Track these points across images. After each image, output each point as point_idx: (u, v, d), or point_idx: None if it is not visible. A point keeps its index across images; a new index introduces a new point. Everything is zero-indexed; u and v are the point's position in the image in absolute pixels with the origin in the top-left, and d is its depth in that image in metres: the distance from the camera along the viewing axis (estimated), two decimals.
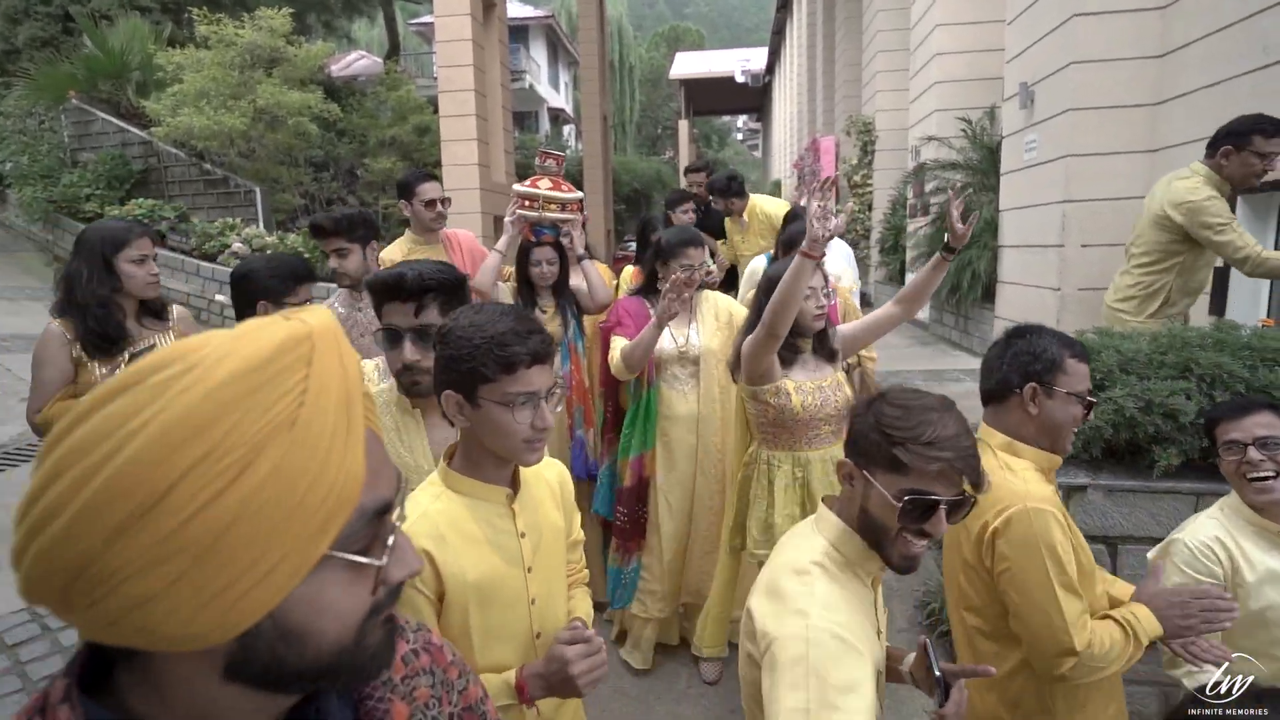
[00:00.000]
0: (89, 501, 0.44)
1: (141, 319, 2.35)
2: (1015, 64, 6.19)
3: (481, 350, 1.21)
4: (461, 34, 9.02)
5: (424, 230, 3.25)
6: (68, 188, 10.07)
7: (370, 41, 25.03)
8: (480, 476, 1.31)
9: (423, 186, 3.18)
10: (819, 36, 16.55)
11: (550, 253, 3.07)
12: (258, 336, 0.49)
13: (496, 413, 1.23)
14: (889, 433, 1.20)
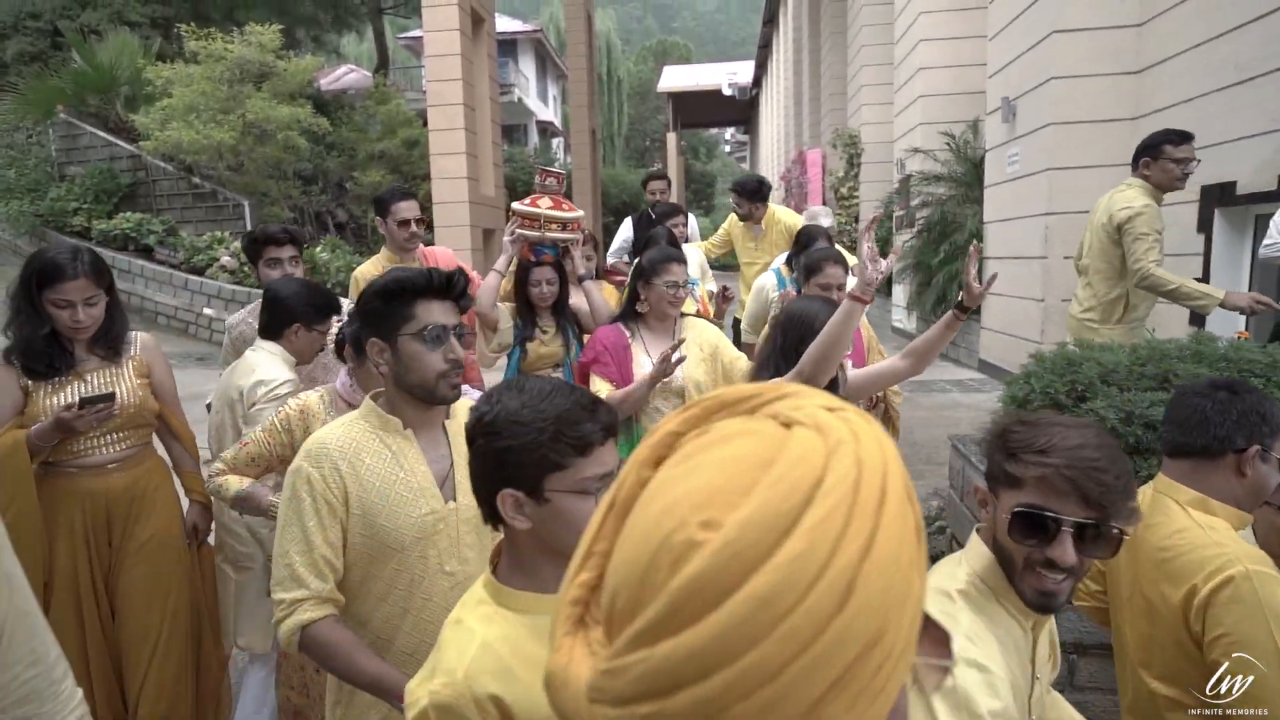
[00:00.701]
0: (813, 657, 0.38)
1: (94, 347, 2.12)
2: (997, 79, 6.31)
3: (548, 434, 1.03)
4: (451, 49, 9.08)
5: (398, 249, 3.19)
6: (55, 201, 10.03)
7: (359, 56, 25.12)
8: (538, 587, 1.09)
9: (397, 205, 3.11)
10: (805, 50, 16.76)
11: (550, 273, 3.01)
12: (862, 451, 0.42)
13: (569, 504, 1.05)
14: (1007, 446, 1.14)
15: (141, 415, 2.17)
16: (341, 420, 1.51)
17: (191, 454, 2.33)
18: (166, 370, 2.28)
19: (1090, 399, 2.41)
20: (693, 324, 2.70)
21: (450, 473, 1.51)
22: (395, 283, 1.45)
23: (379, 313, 1.47)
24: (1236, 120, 4.12)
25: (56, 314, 2.01)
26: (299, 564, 1.39)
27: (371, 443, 1.45)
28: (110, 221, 9.75)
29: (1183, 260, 4.58)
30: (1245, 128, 4.05)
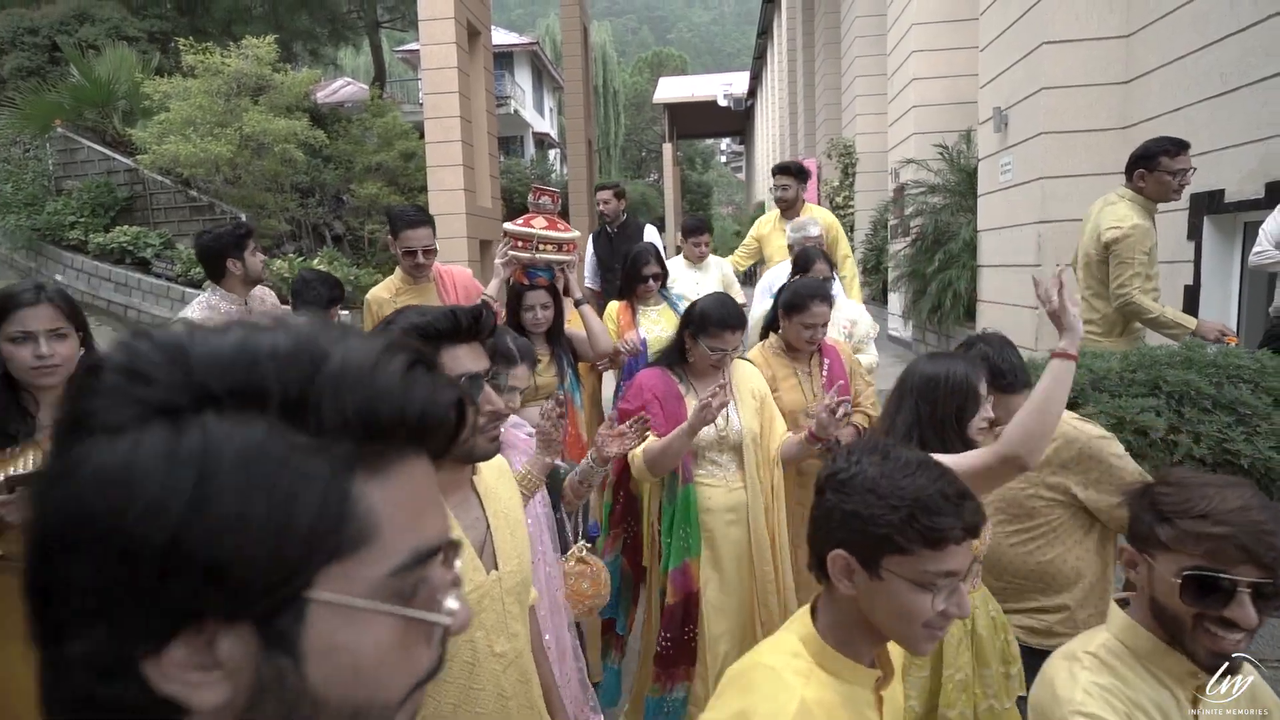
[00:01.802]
0: None
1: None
2: (989, 89, 6.37)
3: (901, 515, 0.96)
4: (447, 61, 9.14)
5: (406, 273, 3.07)
6: (52, 215, 10.04)
7: (356, 69, 25.25)
8: (851, 654, 1.04)
9: (407, 233, 2.90)
10: (799, 61, 16.89)
11: (545, 296, 2.82)
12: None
13: (903, 591, 0.97)
14: (1160, 510, 1.12)
15: None
16: None
17: None
18: None
19: (1082, 405, 2.43)
20: (740, 368, 2.42)
21: (488, 538, 1.32)
22: (416, 330, 1.20)
23: None
24: (1223, 129, 4.17)
25: (15, 354, 1.64)
26: None
27: None
28: (107, 235, 9.76)
29: (1174, 267, 4.62)
30: (1232, 136, 4.10)
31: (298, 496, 0.40)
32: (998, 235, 6.41)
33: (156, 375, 0.40)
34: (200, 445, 0.39)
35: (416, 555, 0.44)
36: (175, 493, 0.38)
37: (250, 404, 0.40)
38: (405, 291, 3.03)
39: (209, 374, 0.40)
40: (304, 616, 0.41)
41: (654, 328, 3.36)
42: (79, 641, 0.39)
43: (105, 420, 0.40)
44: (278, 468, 0.39)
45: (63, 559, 0.39)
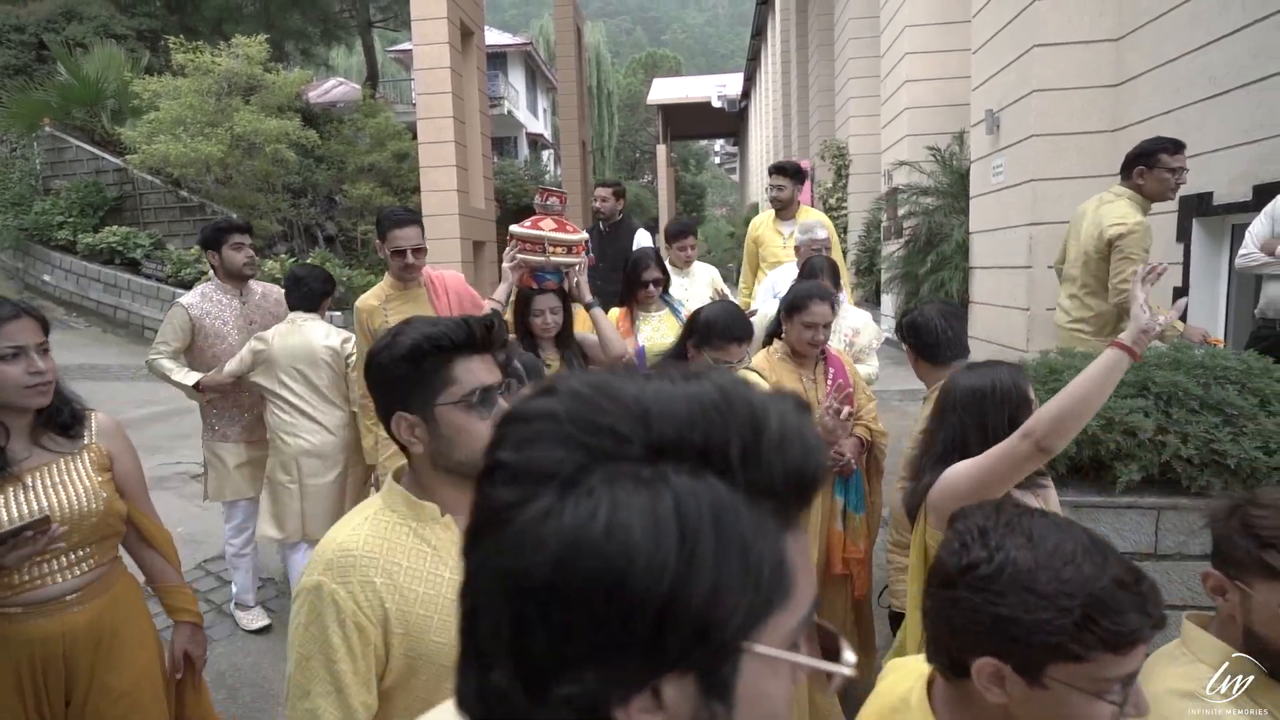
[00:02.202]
0: None
1: (39, 436, 1.60)
2: (981, 91, 6.40)
3: (1074, 617, 0.80)
4: (440, 61, 9.12)
5: (395, 278, 2.92)
6: (40, 215, 9.97)
7: (349, 69, 25.17)
8: None
9: (395, 233, 2.80)
10: (793, 63, 16.93)
11: (554, 301, 2.72)
12: None
13: (1075, 701, 0.82)
14: (1260, 534, 1.04)
15: (106, 525, 1.64)
16: (361, 514, 1.19)
17: (171, 559, 1.83)
18: (132, 457, 1.77)
19: None
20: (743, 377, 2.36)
21: None
22: (428, 340, 1.13)
23: (408, 379, 1.14)
24: (1212, 132, 4.20)
25: (2, 374, 1.50)
26: (330, 717, 1.07)
27: (405, 539, 1.14)
28: (96, 235, 9.70)
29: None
30: (1221, 139, 4.13)
31: (760, 553, 0.42)
32: (990, 237, 6.44)
33: (620, 429, 0.41)
34: (676, 503, 0.40)
35: (814, 606, 0.47)
36: (668, 551, 0.39)
37: (706, 460, 0.42)
38: (395, 298, 2.91)
39: (666, 429, 0.41)
40: (740, 666, 0.43)
41: (654, 334, 3.30)
42: (569, 685, 0.41)
43: (566, 473, 0.41)
44: (743, 524, 0.41)
45: (556, 609, 0.40)
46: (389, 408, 1.16)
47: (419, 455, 1.17)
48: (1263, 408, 2.34)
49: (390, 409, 1.16)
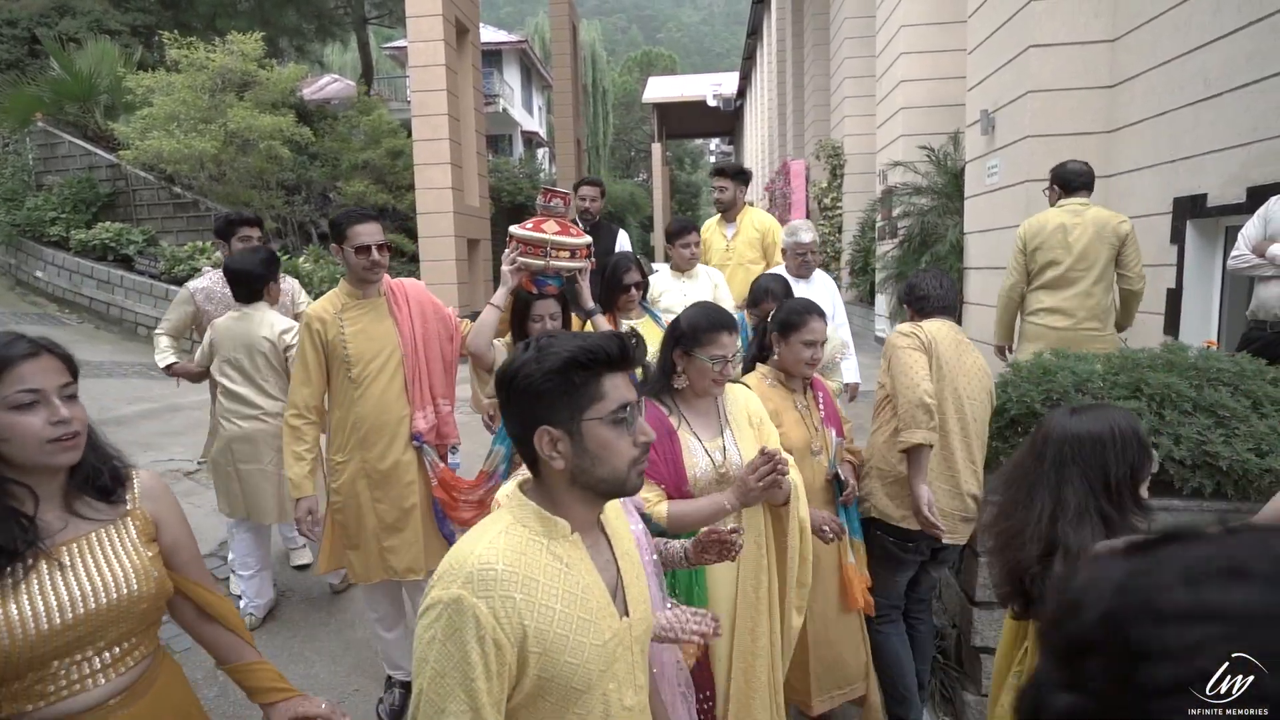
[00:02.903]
0: None
1: (73, 501, 1.30)
2: (976, 92, 6.41)
3: None
4: (435, 59, 9.09)
5: (359, 281, 2.63)
6: (32, 211, 9.91)
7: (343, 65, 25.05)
8: None
9: (356, 229, 2.57)
10: (788, 62, 16.94)
11: (554, 306, 2.62)
12: None
13: None
14: None
15: (157, 609, 1.38)
16: (494, 526, 1.15)
17: (242, 632, 1.53)
18: (180, 520, 1.47)
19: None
20: (732, 392, 2.15)
21: (619, 582, 1.23)
22: (584, 354, 1.11)
23: (557, 393, 1.12)
24: (1206, 134, 4.22)
25: (19, 425, 1.22)
26: None
27: (539, 555, 1.12)
28: (89, 231, 9.64)
29: (1157, 271, 4.66)
30: (1214, 141, 4.14)
31: None
32: (985, 237, 6.45)
33: None
34: None
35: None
36: None
37: None
38: (352, 307, 2.61)
39: None
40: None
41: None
42: None
43: None
44: None
45: None
46: (532, 421, 1.13)
47: (557, 472, 1.14)
48: (1255, 410, 2.35)
49: (533, 423, 1.12)
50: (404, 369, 2.61)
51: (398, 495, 2.61)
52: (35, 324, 9.14)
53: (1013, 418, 2.58)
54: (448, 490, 2.61)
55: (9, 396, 1.21)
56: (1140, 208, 4.88)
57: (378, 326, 2.60)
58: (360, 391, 2.56)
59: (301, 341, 2.61)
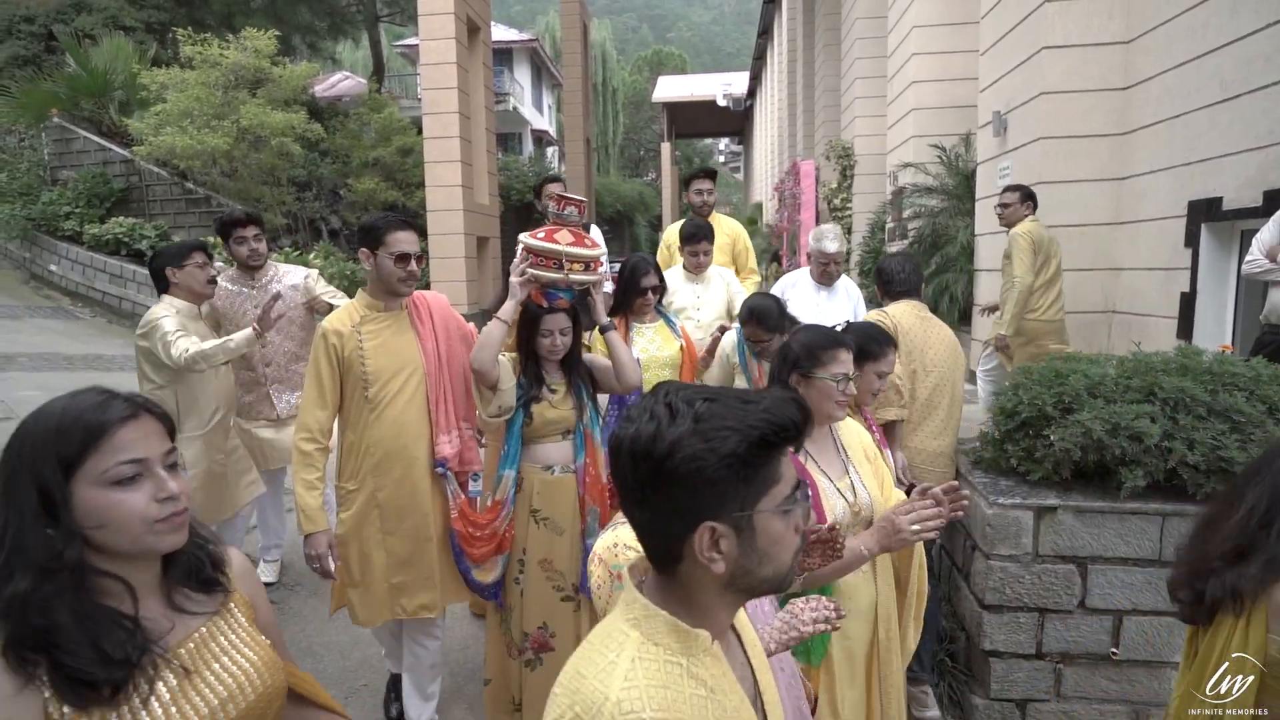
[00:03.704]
0: None
1: (173, 594, 1.09)
2: (989, 93, 6.38)
3: None
4: (446, 57, 9.11)
5: (387, 294, 2.41)
6: (47, 205, 9.99)
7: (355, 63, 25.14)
8: None
9: (397, 235, 2.35)
10: (799, 62, 16.89)
11: (564, 321, 2.43)
12: None
13: None
14: None
15: (282, 707, 1.18)
16: (619, 650, 0.88)
17: (337, 709, 1.32)
18: (265, 597, 1.27)
19: (1077, 411, 2.43)
20: (845, 424, 1.98)
21: (756, 686, 1.01)
22: (775, 430, 0.85)
23: (738, 480, 0.85)
24: (1221, 137, 4.18)
25: (121, 505, 0.99)
26: None
27: (681, 682, 0.87)
28: (103, 226, 9.71)
29: (1171, 275, 4.63)
30: (1230, 144, 4.11)
31: None
32: (995, 239, 6.41)
33: None
34: None
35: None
36: None
37: None
38: (372, 320, 2.40)
39: None
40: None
41: (650, 346, 3.10)
42: None
43: None
44: None
45: None
46: (693, 515, 0.85)
47: (713, 575, 0.88)
48: (1271, 415, 2.33)
49: (694, 517, 0.85)
50: (426, 388, 2.42)
51: (413, 527, 2.41)
52: (49, 317, 9.22)
53: (1024, 420, 2.57)
54: (465, 525, 2.42)
55: (109, 470, 0.98)
56: (1154, 211, 4.84)
57: (399, 341, 2.41)
58: (377, 413, 2.36)
59: (315, 357, 2.37)
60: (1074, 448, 2.37)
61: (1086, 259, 5.30)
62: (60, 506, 0.96)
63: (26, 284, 10.39)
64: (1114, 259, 5.31)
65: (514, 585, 2.46)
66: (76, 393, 1.05)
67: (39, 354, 7.76)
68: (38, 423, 1.00)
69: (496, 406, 2.42)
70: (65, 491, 0.97)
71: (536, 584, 2.43)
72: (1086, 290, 5.33)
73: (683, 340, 3.21)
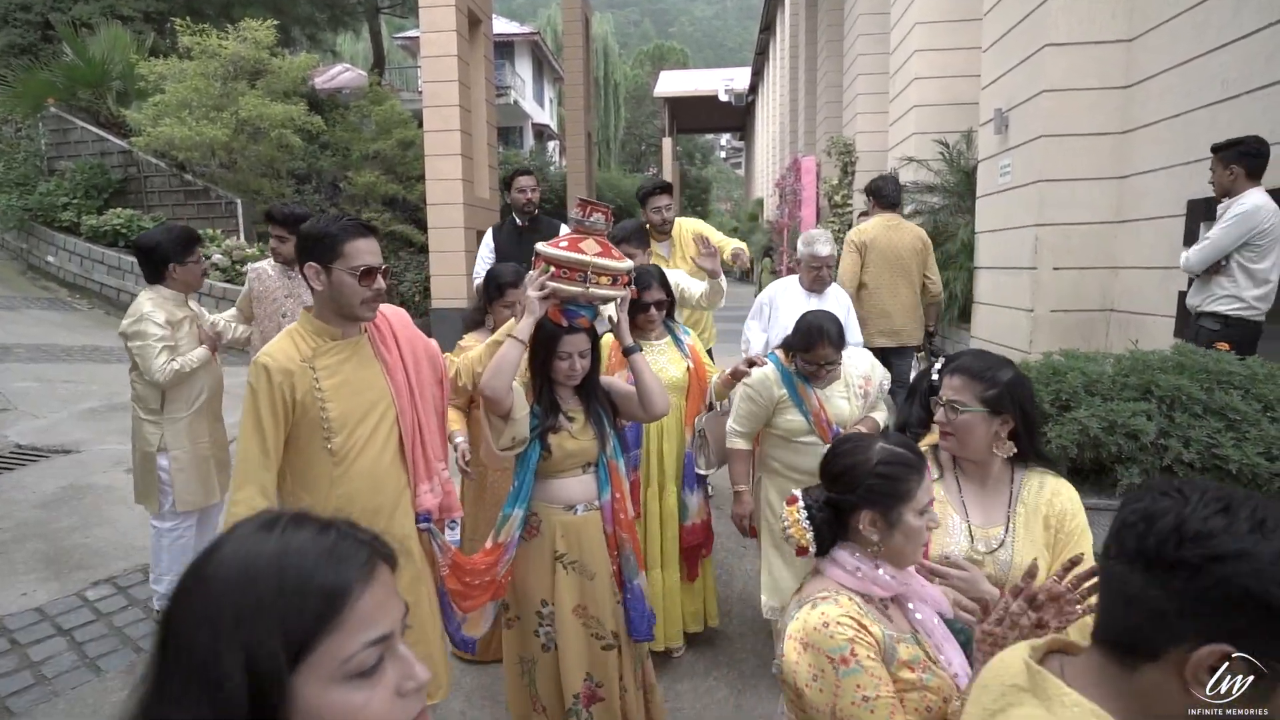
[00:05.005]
0: None
1: None
2: (991, 90, 6.36)
3: None
4: (447, 49, 9.08)
5: (344, 318, 1.95)
6: (44, 196, 9.96)
7: (355, 55, 25.07)
8: None
9: (356, 244, 1.88)
10: (801, 58, 16.85)
11: (585, 342, 2.19)
12: None
13: None
14: None
15: None
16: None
17: None
18: None
19: (1074, 408, 2.43)
20: (1042, 480, 1.74)
21: None
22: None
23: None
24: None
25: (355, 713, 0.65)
26: None
27: None
28: (100, 217, 9.69)
29: (1170, 273, 4.63)
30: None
31: None
32: (995, 237, 6.41)
33: None
34: None
35: None
36: None
37: None
38: (328, 352, 1.93)
39: None
40: None
41: (654, 366, 2.73)
42: None
43: None
44: None
45: None
46: (1221, 638, 0.74)
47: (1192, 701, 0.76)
48: (1266, 413, 2.33)
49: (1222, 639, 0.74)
50: (399, 430, 2.02)
51: None
52: (46, 308, 9.20)
53: None
54: (461, 578, 2.09)
55: (351, 660, 0.65)
56: (1153, 209, 4.84)
57: (362, 375, 1.96)
58: (343, 469, 1.91)
59: (253, 404, 1.84)
60: (1071, 445, 2.38)
61: (1086, 257, 5.30)
62: (274, 711, 0.61)
63: (23, 275, 10.36)
64: (1113, 257, 5.31)
65: (533, 638, 2.22)
66: (267, 518, 0.69)
67: (36, 345, 7.75)
68: (239, 574, 0.63)
69: (510, 438, 2.12)
70: (285, 688, 0.62)
71: (574, 635, 2.18)
72: (1085, 288, 5.33)
73: (690, 361, 2.92)
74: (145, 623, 3.23)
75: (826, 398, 2.56)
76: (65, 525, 4.09)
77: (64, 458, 5.11)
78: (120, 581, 3.55)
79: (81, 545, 3.88)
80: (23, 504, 4.34)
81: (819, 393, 2.56)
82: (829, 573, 1.37)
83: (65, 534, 3.99)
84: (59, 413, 6.04)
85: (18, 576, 3.55)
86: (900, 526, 1.34)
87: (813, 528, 1.38)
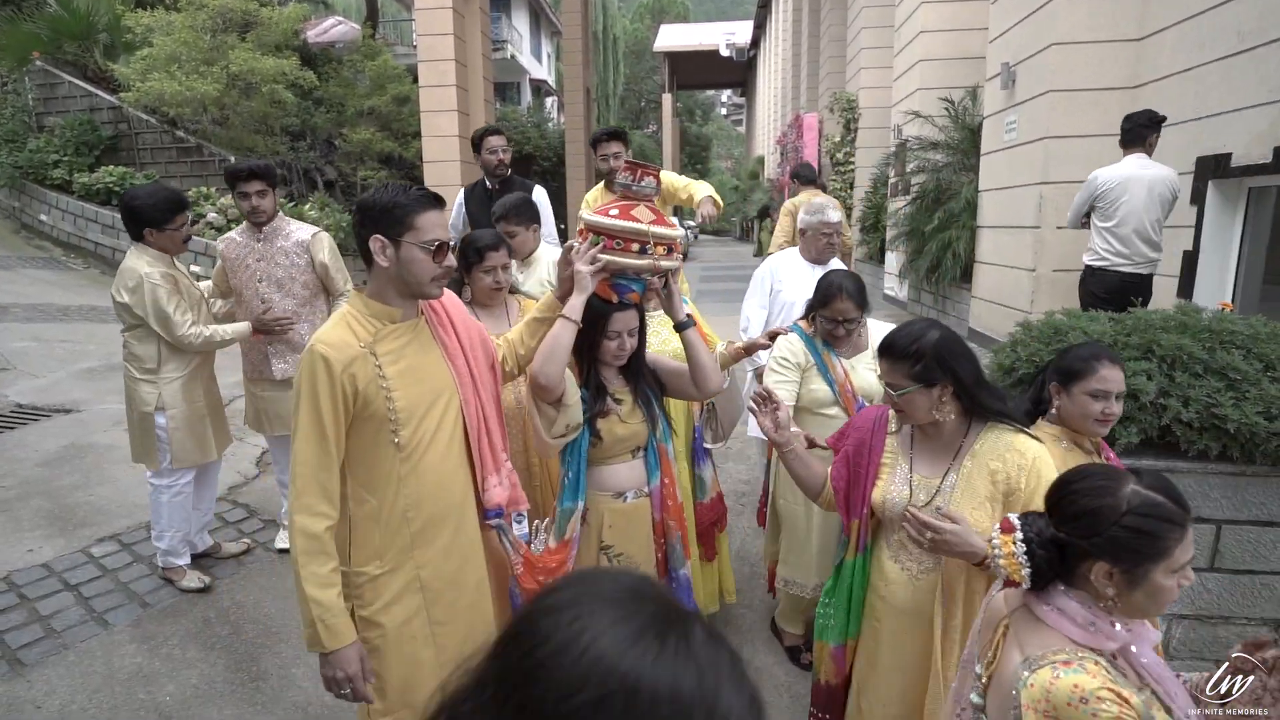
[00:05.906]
0: None
1: None
2: (998, 44, 6.21)
3: None
4: (442, 2, 8.84)
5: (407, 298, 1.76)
6: (34, 153, 9.80)
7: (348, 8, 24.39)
8: None
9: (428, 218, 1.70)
10: (805, 11, 16.42)
11: (634, 319, 2.06)
12: None
13: None
14: None
15: None
16: None
17: None
18: None
19: None
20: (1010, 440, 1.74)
21: None
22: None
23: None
24: (1235, 91, 4.09)
25: None
26: None
27: None
28: (92, 175, 9.54)
29: (1175, 232, 4.58)
30: (1244, 98, 4.02)
31: None
32: (999, 196, 6.33)
33: None
34: None
35: None
36: None
37: None
38: (389, 336, 1.72)
39: None
40: None
41: (653, 339, 2.55)
42: None
43: None
44: None
45: None
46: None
47: None
48: (1267, 373, 2.32)
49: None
50: (464, 421, 1.83)
51: (469, 606, 1.82)
52: (41, 268, 9.13)
53: (1021, 376, 2.56)
54: (534, 574, 1.93)
55: None
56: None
57: (424, 361, 1.77)
58: (412, 465, 1.72)
59: (310, 396, 1.63)
60: None
61: None
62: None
63: (17, 234, 10.26)
64: None
65: None
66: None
67: (33, 305, 7.71)
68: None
69: (564, 425, 1.98)
70: None
71: None
72: None
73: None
74: (150, 578, 3.27)
75: (852, 367, 2.48)
76: (68, 483, 4.12)
77: (64, 417, 5.12)
78: (125, 538, 3.59)
79: (85, 503, 3.91)
80: (25, 462, 4.37)
81: (844, 362, 2.48)
82: (1053, 622, 1.19)
83: (68, 492, 4.02)
84: (57, 372, 6.04)
85: (24, 533, 3.59)
86: (1144, 585, 1.13)
87: (1030, 564, 1.20)
